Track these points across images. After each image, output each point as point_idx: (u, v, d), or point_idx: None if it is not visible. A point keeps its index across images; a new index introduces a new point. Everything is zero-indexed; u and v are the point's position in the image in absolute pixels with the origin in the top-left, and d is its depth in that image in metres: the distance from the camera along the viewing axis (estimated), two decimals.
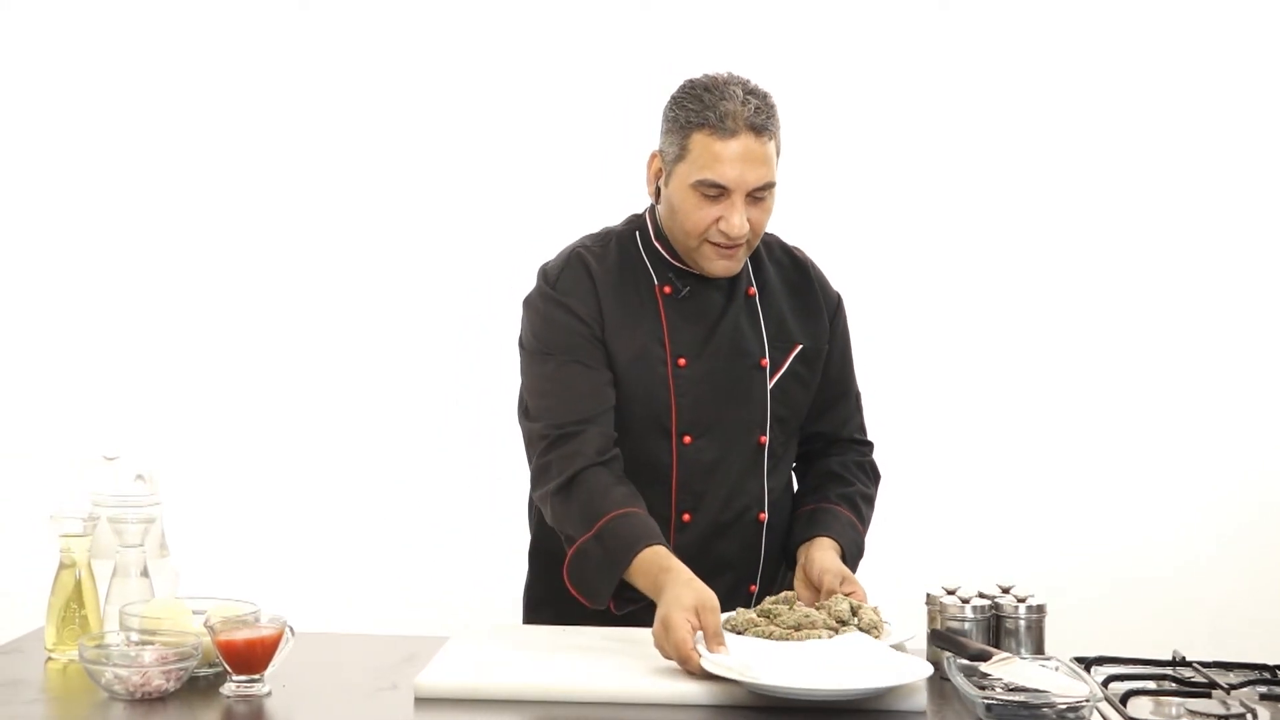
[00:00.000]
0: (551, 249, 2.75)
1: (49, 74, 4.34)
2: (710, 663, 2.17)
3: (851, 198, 4.34)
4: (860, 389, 2.89)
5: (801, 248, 2.85)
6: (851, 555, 2.67)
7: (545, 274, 2.70)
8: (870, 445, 2.88)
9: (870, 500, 2.80)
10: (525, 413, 2.67)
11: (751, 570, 2.73)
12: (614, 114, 4.13)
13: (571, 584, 2.53)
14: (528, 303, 2.71)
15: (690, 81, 2.58)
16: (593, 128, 4.24)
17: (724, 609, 2.39)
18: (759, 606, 2.45)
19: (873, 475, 2.84)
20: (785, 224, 2.80)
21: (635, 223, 2.74)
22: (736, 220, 2.52)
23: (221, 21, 4.35)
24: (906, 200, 4.36)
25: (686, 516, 2.66)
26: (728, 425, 2.67)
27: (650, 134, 2.63)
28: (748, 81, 2.57)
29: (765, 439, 2.70)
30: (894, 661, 2.21)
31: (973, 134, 4.34)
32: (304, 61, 4.36)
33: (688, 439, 2.64)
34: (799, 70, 4.29)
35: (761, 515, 2.72)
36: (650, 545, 2.42)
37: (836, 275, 2.85)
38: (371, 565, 4.29)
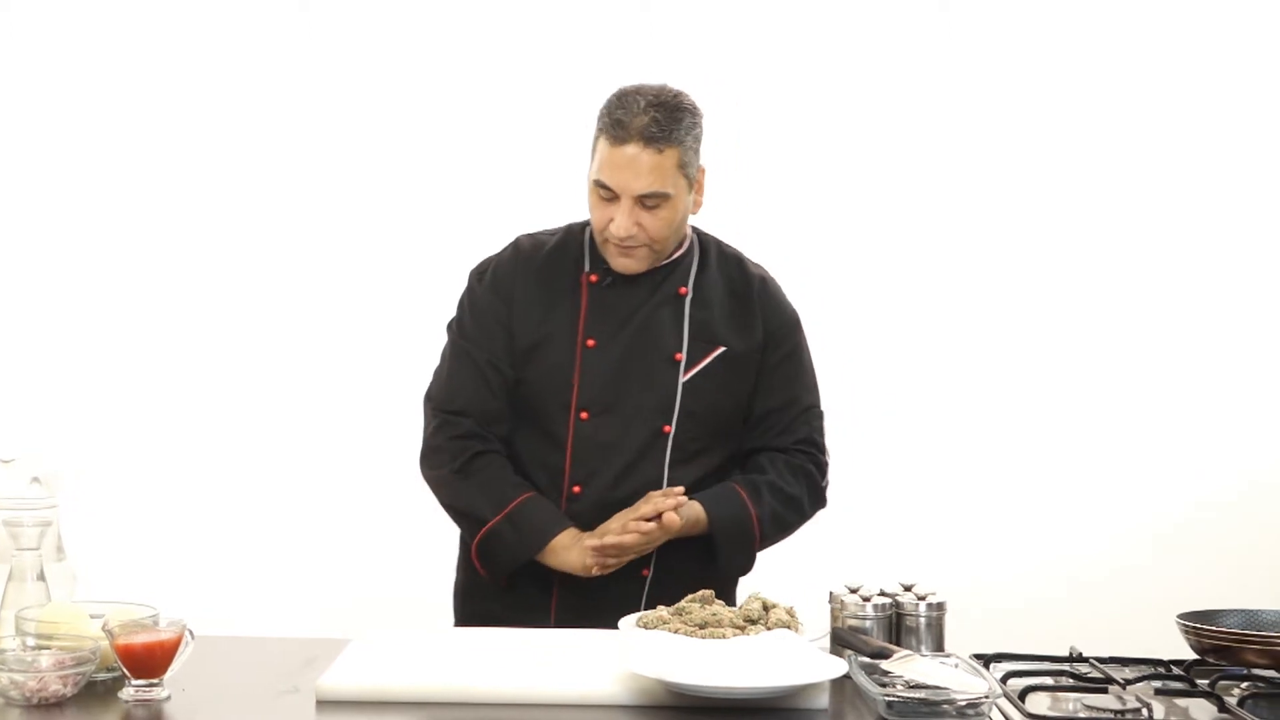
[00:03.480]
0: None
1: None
2: (632, 662, 2.18)
3: (846, 197, 4.35)
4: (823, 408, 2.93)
5: (763, 266, 2.93)
6: (725, 529, 2.73)
7: (484, 263, 2.89)
8: (813, 455, 2.87)
9: (782, 494, 2.79)
10: (427, 390, 2.90)
11: (646, 554, 2.74)
12: None
13: (479, 561, 2.76)
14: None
15: (618, 88, 2.73)
16: (591, 132, 4.22)
17: (615, 588, 2.70)
18: (676, 605, 2.46)
19: (801, 476, 2.84)
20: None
21: None
22: (620, 222, 2.67)
23: (218, 21, 4.32)
24: (895, 201, 4.36)
25: (577, 489, 2.77)
26: (628, 408, 2.77)
27: None
28: (663, 93, 2.70)
29: (670, 429, 2.77)
30: (812, 659, 2.22)
31: (971, 134, 4.34)
32: (301, 62, 4.33)
33: (584, 415, 2.76)
34: (796, 71, 4.32)
35: None
36: (562, 530, 2.70)
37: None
38: (276, 567, 4.24)
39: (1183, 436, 4.34)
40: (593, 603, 2.70)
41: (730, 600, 2.81)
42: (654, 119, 2.63)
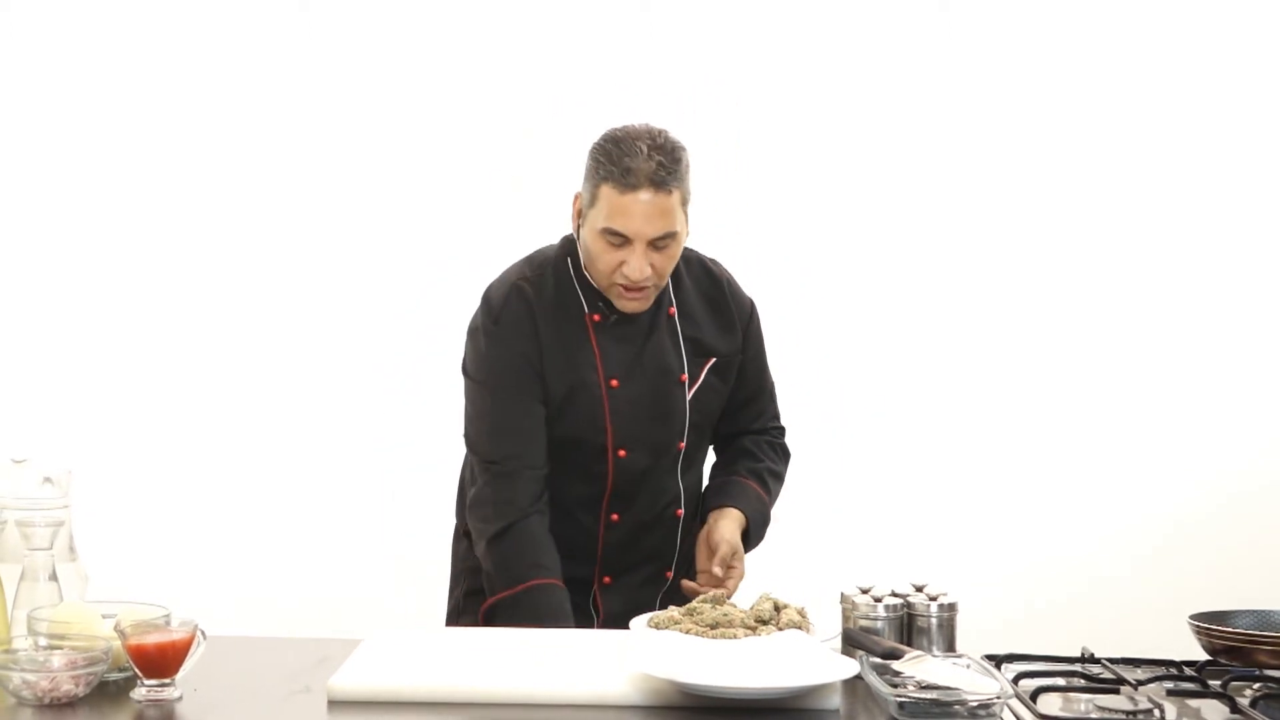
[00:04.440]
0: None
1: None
2: (644, 663, 2.18)
3: (846, 197, 4.36)
4: (774, 380, 3.08)
5: (718, 259, 3.01)
6: (756, 525, 2.91)
7: (489, 305, 2.86)
8: (782, 430, 3.10)
9: (778, 476, 3.03)
10: (467, 436, 2.90)
11: (669, 559, 2.96)
12: (616, 119, 4.11)
13: (484, 621, 2.81)
14: (472, 332, 2.88)
15: (607, 132, 2.76)
16: (591, 132, 4.21)
17: (642, 591, 2.89)
18: (688, 605, 2.48)
19: (782, 454, 3.07)
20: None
21: (568, 248, 2.88)
22: (635, 266, 2.70)
23: (218, 21, 4.32)
24: (897, 201, 4.36)
25: (615, 517, 2.88)
26: (655, 438, 2.87)
27: None
28: (658, 135, 2.73)
29: (683, 444, 2.90)
30: (823, 659, 2.23)
31: (970, 134, 4.34)
32: (301, 62, 4.33)
33: (622, 453, 2.84)
34: (796, 71, 4.32)
35: (679, 511, 2.94)
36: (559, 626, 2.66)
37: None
38: (288, 567, 4.25)
39: (1195, 437, 4.33)
40: (630, 601, 2.84)
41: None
42: (659, 163, 2.68)
